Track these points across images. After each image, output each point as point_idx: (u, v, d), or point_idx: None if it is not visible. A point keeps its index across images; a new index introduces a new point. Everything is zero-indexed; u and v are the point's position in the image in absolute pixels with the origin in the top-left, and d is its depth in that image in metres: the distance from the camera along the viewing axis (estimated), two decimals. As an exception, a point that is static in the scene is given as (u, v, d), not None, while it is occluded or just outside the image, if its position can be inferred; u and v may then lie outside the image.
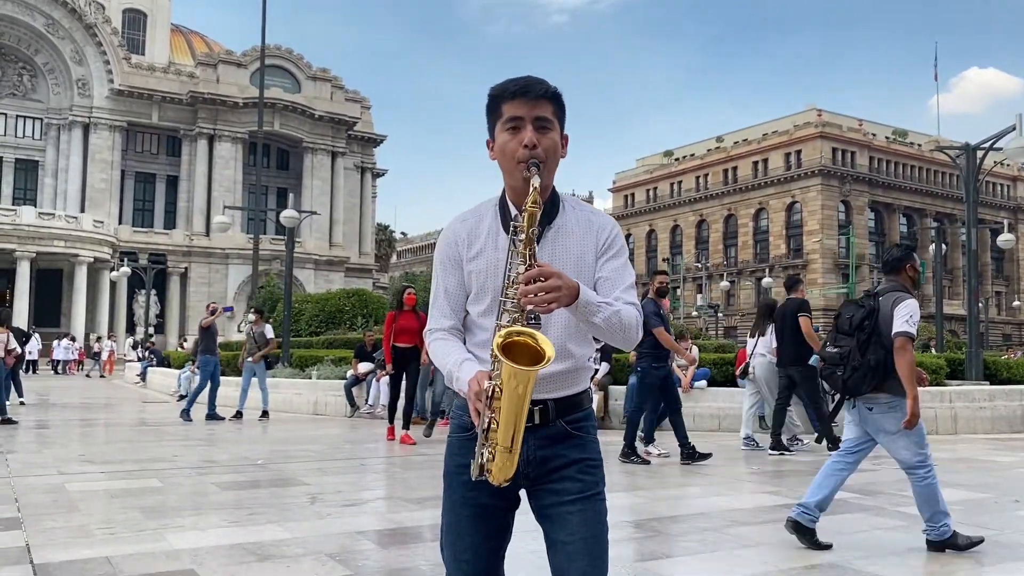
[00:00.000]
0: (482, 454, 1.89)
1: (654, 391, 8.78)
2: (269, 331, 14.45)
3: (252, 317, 14.21)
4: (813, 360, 9.12)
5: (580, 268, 2.04)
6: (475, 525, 2.10)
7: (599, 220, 2.13)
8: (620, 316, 1.96)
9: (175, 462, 8.63)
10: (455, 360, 2.04)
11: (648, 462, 8.57)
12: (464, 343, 2.13)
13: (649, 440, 9.09)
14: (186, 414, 13.46)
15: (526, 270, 1.84)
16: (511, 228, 1.95)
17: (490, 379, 1.87)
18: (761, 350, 10.04)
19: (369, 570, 4.33)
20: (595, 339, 2.11)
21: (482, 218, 2.12)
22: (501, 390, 1.82)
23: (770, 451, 9.49)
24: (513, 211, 2.06)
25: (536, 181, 1.93)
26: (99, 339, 42.86)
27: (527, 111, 2.02)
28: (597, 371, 12.57)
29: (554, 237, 2.06)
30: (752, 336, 10.26)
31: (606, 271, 2.07)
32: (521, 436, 1.87)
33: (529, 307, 1.83)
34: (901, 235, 77.26)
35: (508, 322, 1.88)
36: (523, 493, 2.12)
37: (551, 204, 2.08)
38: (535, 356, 1.81)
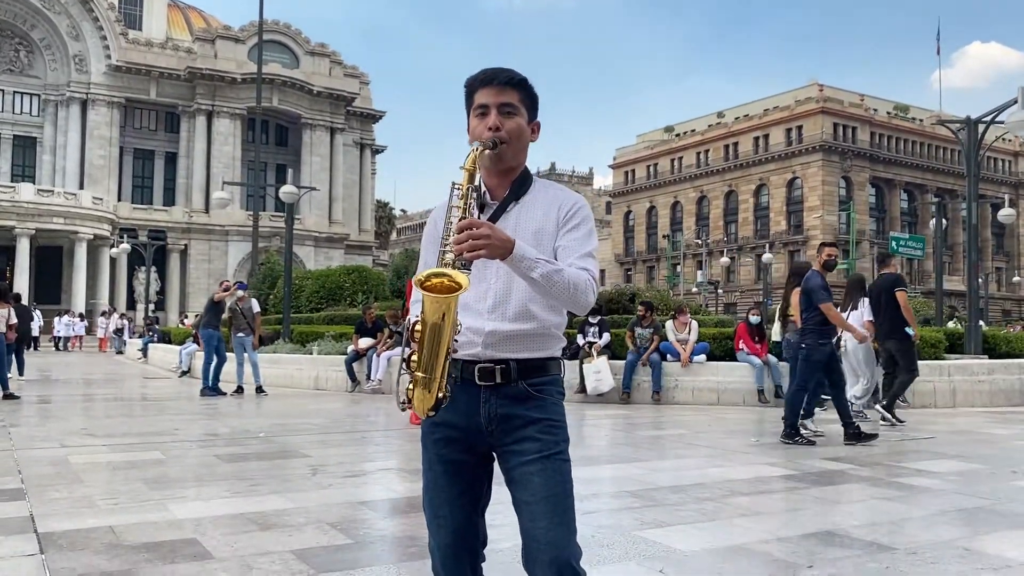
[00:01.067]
0: (403, 381, 2.00)
1: (819, 368, 8.30)
2: (256, 306, 14.48)
3: (239, 293, 14.24)
4: (909, 331, 9.75)
5: (539, 239, 2.14)
6: (449, 481, 2.19)
7: (564, 196, 2.23)
8: (563, 275, 2.02)
9: (177, 435, 8.68)
10: (415, 312, 2.14)
11: (814, 443, 8.06)
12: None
13: (809, 415, 8.59)
14: (210, 390, 13.53)
15: (459, 221, 1.95)
16: (451, 185, 2.06)
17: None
18: (854, 323, 9.97)
19: (371, 539, 4.37)
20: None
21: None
22: (422, 322, 1.94)
23: (881, 421, 9.64)
24: (483, 188, 2.19)
25: (477, 145, 2.08)
26: (103, 313, 42.88)
27: (493, 98, 2.17)
28: (593, 343, 12.61)
29: (518, 211, 2.19)
30: (843, 310, 10.10)
31: (564, 240, 2.16)
32: (441, 365, 1.95)
33: (460, 256, 1.93)
34: (902, 211, 77.11)
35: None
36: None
37: (520, 183, 2.22)
38: (452, 291, 1.91)
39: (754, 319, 12.40)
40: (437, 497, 2.21)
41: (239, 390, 13.82)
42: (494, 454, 2.19)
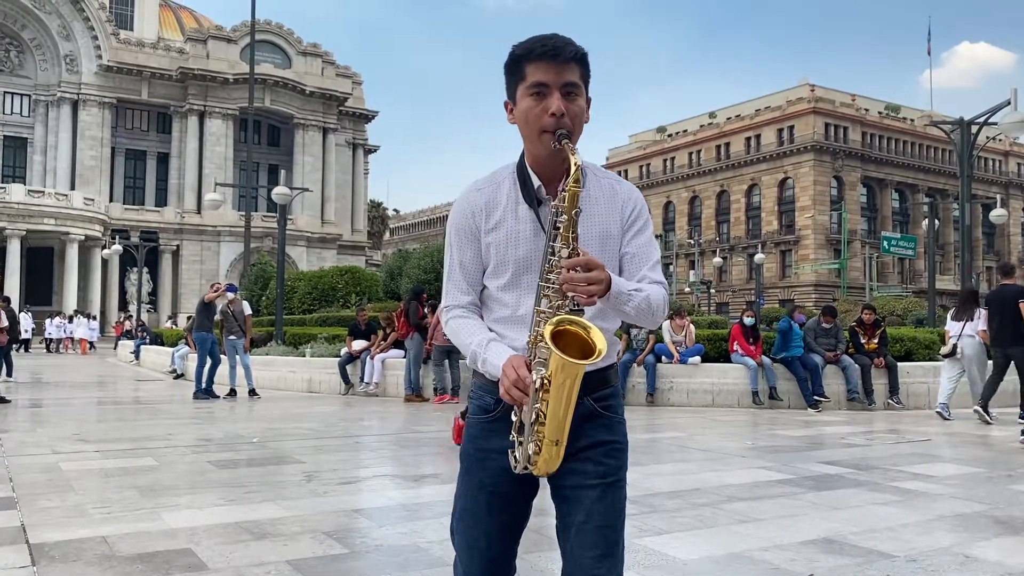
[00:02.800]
0: (527, 446, 1.83)
1: None
2: (247, 308, 14.41)
3: (230, 295, 14.17)
4: None
5: (605, 242, 1.98)
6: (491, 513, 2.03)
7: (624, 191, 2.05)
8: (649, 301, 1.91)
9: (170, 440, 8.62)
10: (479, 341, 1.96)
11: None
12: (482, 319, 2.06)
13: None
14: (203, 393, 13.48)
15: (569, 255, 1.77)
16: (553, 210, 1.85)
17: (528, 366, 1.81)
18: (969, 331, 10.85)
19: (367, 547, 4.32)
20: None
21: (499, 186, 2.02)
22: (549, 381, 1.76)
23: (975, 410, 10.34)
24: (535, 181, 1.99)
25: (578, 159, 1.85)
26: (83, 315, 42.62)
27: (554, 76, 1.90)
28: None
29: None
30: (959, 320, 11.00)
31: (633, 247, 2.01)
32: (568, 428, 1.82)
33: (570, 295, 1.77)
34: (893, 210, 77.33)
35: (547, 307, 1.82)
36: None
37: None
38: (584, 348, 1.76)
39: (748, 320, 12.39)
40: (476, 527, 2.05)
41: (232, 393, 13.75)
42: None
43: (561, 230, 1.81)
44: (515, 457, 1.87)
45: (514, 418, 1.87)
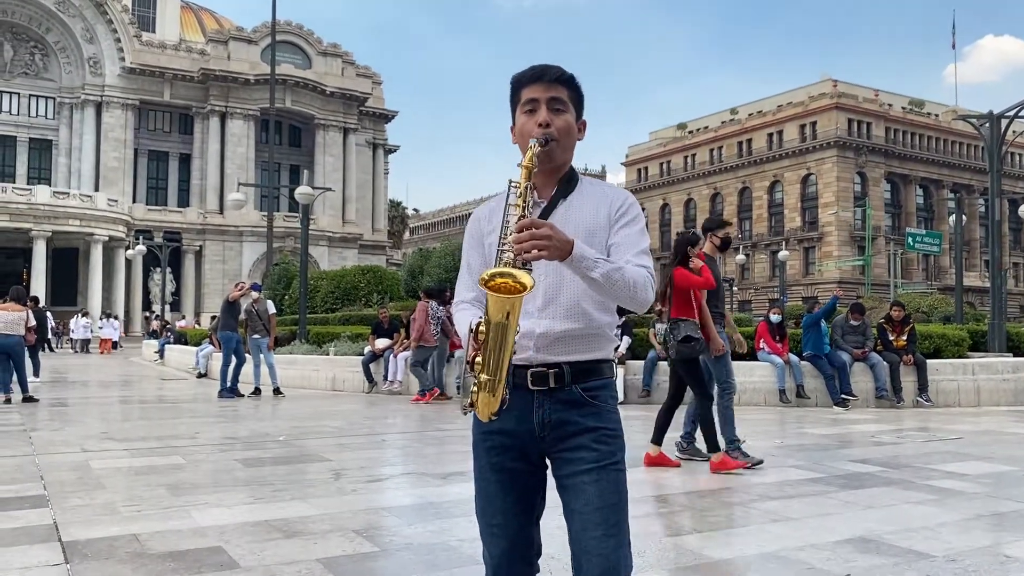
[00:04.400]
0: (469, 389, 1.96)
1: None
2: (271, 307, 14.46)
3: (254, 295, 14.23)
4: None
5: (591, 234, 2.10)
6: (503, 489, 2.14)
7: (614, 192, 2.21)
8: (623, 273, 1.99)
9: (197, 439, 8.66)
10: (470, 324, 2.08)
11: None
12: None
13: None
14: (228, 391, 13.58)
15: (518, 220, 1.91)
16: (508, 183, 2.03)
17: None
18: None
19: (396, 546, 4.30)
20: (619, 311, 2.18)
21: (504, 197, 2.19)
22: (486, 323, 1.90)
23: None
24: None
25: (533, 142, 2.03)
26: (106, 315, 42.98)
27: (542, 93, 2.15)
28: (618, 347, 12.52)
29: (566, 208, 2.15)
30: None
31: (618, 237, 2.13)
32: (504, 369, 1.92)
33: (520, 255, 1.88)
34: (918, 206, 76.50)
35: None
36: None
37: (568, 181, 2.19)
38: (516, 292, 1.86)
39: (775, 318, 12.28)
40: (490, 506, 2.16)
41: (256, 392, 13.81)
42: (547, 460, 2.16)
43: (518, 201, 1.97)
44: (461, 402, 2.02)
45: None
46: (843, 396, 11.69)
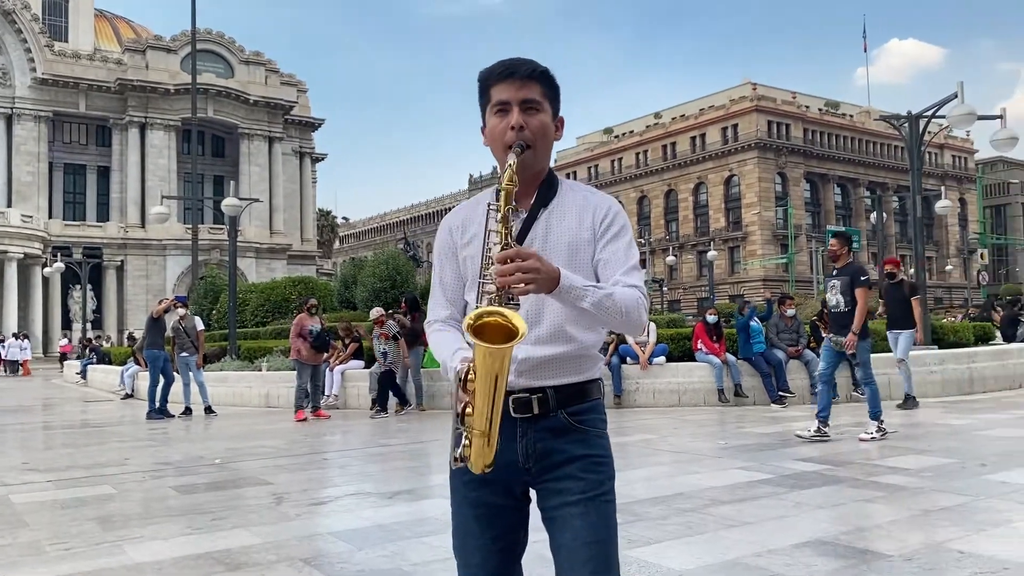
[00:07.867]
0: (461, 440, 1.81)
1: None
2: (199, 323, 13.98)
3: (181, 311, 13.77)
4: None
5: (574, 253, 1.96)
6: (481, 527, 1.99)
7: (597, 200, 2.04)
8: (613, 299, 1.85)
9: (127, 466, 8.26)
10: (450, 351, 1.94)
11: None
12: (464, 334, 2.01)
13: None
14: (157, 412, 13.08)
15: (502, 250, 1.76)
16: (486, 207, 1.88)
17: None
18: None
19: (348, 574, 4.12)
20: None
21: (478, 205, 2.04)
22: (475, 372, 1.75)
23: None
24: None
25: (512, 159, 1.86)
26: (13, 335, 41.26)
27: (513, 93, 1.96)
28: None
29: (547, 219, 1.99)
30: None
31: (605, 253, 1.97)
32: (498, 419, 1.78)
33: (506, 289, 1.75)
34: (836, 204, 78.83)
35: (487, 304, 1.78)
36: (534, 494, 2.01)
37: (547, 187, 2.02)
38: (509, 334, 1.71)
39: (711, 318, 12.40)
40: (468, 544, 2.01)
41: (187, 411, 13.35)
42: (532, 492, 2.01)
43: (499, 228, 1.80)
44: (452, 453, 1.85)
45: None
46: (780, 394, 11.86)
